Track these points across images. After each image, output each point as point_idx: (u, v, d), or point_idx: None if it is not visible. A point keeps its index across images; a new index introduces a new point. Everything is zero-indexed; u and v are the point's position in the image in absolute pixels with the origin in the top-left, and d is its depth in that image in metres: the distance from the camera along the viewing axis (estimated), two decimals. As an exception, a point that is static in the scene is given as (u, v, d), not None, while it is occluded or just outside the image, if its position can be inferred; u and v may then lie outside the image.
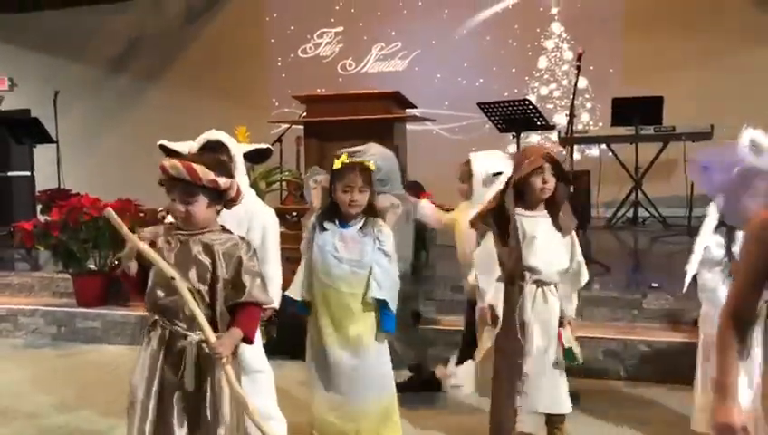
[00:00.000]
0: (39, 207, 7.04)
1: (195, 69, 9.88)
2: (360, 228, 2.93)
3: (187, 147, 3.06)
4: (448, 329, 4.33)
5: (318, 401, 2.96)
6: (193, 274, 2.25)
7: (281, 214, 4.91)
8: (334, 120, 5.06)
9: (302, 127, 5.55)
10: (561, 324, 2.97)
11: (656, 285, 4.58)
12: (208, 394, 2.23)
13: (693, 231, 2.70)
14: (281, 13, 9.84)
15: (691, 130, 6.61)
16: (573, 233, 2.99)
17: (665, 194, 7.24)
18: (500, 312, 2.90)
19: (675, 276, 3.75)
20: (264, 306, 2.49)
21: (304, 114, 5.49)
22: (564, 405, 2.98)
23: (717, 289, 2.66)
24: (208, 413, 2.22)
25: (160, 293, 2.25)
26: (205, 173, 2.23)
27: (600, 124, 8.15)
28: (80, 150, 9.42)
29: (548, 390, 2.93)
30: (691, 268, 2.70)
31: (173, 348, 2.24)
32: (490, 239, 2.95)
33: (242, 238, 2.38)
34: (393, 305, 2.93)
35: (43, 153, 7.97)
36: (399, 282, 2.99)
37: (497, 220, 2.93)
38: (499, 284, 2.92)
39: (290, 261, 4.89)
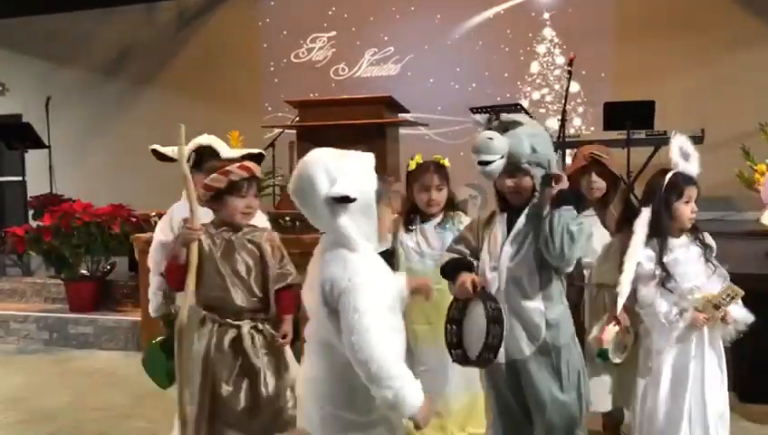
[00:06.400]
0: (31, 212, 7.02)
1: (187, 74, 9.85)
2: (439, 223, 2.96)
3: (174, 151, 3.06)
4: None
5: None
6: (242, 266, 2.45)
7: (274, 218, 4.92)
8: (327, 124, 5.06)
9: (294, 131, 5.55)
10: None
11: None
12: (268, 367, 2.44)
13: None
14: (273, 18, 9.84)
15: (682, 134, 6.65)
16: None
17: (656, 198, 7.25)
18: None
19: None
20: None
21: (297, 119, 5.50)
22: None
23: (654, 303, 2.57)
24: (270, 382, 2.42)
25: (212, 291, 2.43)
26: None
27: (592, 128, 8.15)
28: (72, 156, 9.37)
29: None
30: (623, 289, 2.54)
31: (223, 339, 2.42)
32: None
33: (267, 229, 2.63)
34: None
35: (35, 158, 7.93)
36: None
37: None
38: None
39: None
